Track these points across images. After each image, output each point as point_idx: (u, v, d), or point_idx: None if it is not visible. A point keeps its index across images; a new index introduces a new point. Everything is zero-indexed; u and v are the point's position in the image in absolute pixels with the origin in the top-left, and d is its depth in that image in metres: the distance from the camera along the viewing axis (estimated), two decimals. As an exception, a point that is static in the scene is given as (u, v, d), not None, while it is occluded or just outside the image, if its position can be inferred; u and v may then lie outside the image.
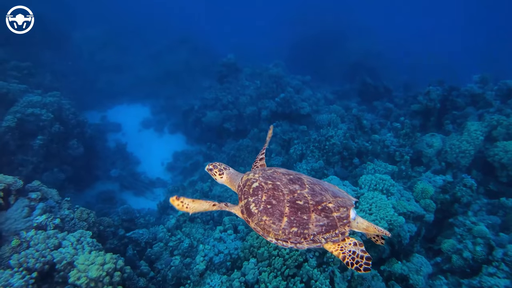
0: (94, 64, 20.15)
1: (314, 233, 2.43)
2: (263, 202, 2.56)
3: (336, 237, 2.45)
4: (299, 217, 2.45)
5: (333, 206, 2.51)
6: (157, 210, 10.84)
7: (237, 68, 15.95)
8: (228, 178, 3.11)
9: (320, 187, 2.67)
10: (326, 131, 11.17)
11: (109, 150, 15.47)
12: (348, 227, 2.51)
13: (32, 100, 11.27)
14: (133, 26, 24.81)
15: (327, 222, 2.45)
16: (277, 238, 2.48)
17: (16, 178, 5.70)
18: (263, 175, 2.77)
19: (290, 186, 2.61)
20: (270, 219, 2.49)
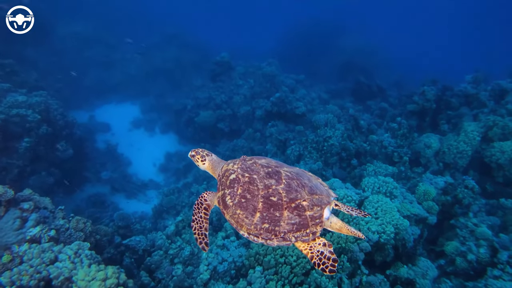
0: (80, 61, 19.36)
1: (285, 231, 2.40)
2: (238, 196, 2.56)
3: (306, 237, 2.41)
4: (271, 214, 2.42)
5: (307, 205, 2.46)
6: (152, 215, 10.52)
7: (231, 66, 15.63)
8: (210, 165, 3.12)
9: (298, 183, 2.58)
10: (324, 131, 11.05)
11: (98, 151, 14.95)
12: (320, 227, 2.47)
13: (17, 100, 10.71)
14: (120, 22, 24.03)
15: (299, 220, 2.41)
16: (249, 233, 2.48)
17: (6, 187, 5.31)
18: (241, 166, 2.74)
19: (266, 180, 2.56)
20: (244, 213, 2.49)
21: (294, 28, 26.83)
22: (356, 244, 6.12)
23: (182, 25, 25.75)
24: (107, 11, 24.73)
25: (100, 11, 24.03)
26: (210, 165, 3.13)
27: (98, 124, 16.84)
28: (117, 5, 26.05)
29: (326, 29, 25.26)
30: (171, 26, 24.57)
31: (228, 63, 15.52)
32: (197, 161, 3.14)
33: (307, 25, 26.33)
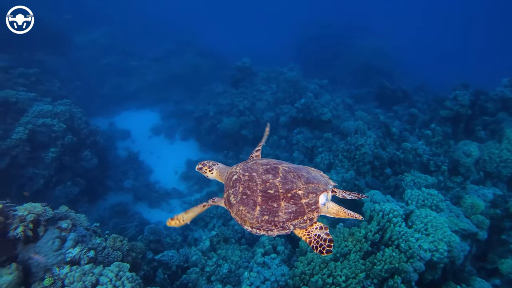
0: (98, 68, 19.40)
1: (283, 220, 2.50)
2: (240, 193, 2.69)
3: (304, 223, 2.51)
4: (270, 206, 2.54)
5: (302, 193, 2.56)
6: (180, 226, 10.21)
7: (252, 72, 15.33)
8: (218, 173, 3.23)
9: (294, 175, 2.70)
10: (355, 139, 10.65)
11: (120, 159, 14.79)
12: (317, 212, 2.56)
13: (42, 109, 10.61)
14: (135, 29, 24.06)
15: (296, 209, 2.51)
16: (252, 226, 2.59)
17: (45, 206, 5.07)
18: (243, 167, 2.88)
19: (264, 176, 2.70)
20: (246, 208, 2.61)
21: (309, 31, 26.39)
22: (410, 264, 5.72)
23: (196, 31, 25.64)
24: (122, 18, 24.81)
25: (115, 19, 24.13)
26: (218, 174, 3.24)
27: (118, 131, 16.72)
28: (131, 13, 26.16)
29: (342, 31, 24.84)
30: (185, 32, 24.47)
31: (250, 68, 15.23)
32: (205, 173, 3.26)
33: (322, 28, 25.86)
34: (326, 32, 24.55)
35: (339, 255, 6.15)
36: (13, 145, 9.69)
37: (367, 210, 6.88)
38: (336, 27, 25.35)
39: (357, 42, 23.53)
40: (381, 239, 6.27)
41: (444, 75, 21.32)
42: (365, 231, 6.28)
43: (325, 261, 6.01)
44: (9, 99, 10.24)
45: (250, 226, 2.61)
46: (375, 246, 6.27)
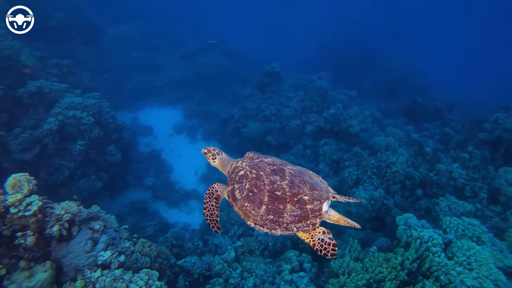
0: (127, 62, 19.50)
1: (288, 222, 2.63)
2: (246, 190, 2.79)
3: (307, 227, 2.64)
4: (276, 206, 2.66)
5: (308, 199, 2.68)
6: (200, 230, 10.07)
7: (281, 77, 15.11)
8: (220, 163, 3.36)
9: (300, 179, 2.80)
10: (386, 156, 10.28)
11: (141, 155, 14.78)
12: (320, 219, 2.68)
13: (73, 101, 10.64)
14: (165, 25, 24.16)
15: (301, 213, 2.63)
16: (255, 223, 2.71)
17: (80, 207, 4.96)
18: (249, 164, 2.96)
19: (272, 177, 2.79)
20: (251, 205, 2.73)
21: (339, 40, 26.03)
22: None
23: (226, 31, 25.58)
24: (154, 13, 24.95)
25: (147, 13, 24.28)
26: (220, 163, 3.36)
27: (141, 127, 16.76)
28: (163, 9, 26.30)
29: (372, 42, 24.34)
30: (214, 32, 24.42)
31: (279, 74, 15.00)
32: (208, 158, 3.39)
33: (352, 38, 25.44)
34: (356, 43, 24.13)
35: (372, 281, 5.83)
36: (44, 135, 9.74)
37: (402, 235, 6.53)
38: (366, 38, 24.88)
39: (387, 54, 23.01)
40: (419, 269, 5.92)
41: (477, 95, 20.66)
42: (402, 259, 5.94)
43: (358, 286, 5.71)
44: (43, 89, 10.31)
45: (254, 222, 2.73)
46: (411, 275, 5.93)
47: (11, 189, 4.37)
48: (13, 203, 4.24)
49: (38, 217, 4.40)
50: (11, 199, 4.23)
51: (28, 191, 4.42)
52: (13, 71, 10.68)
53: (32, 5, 13.81)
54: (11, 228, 4.34)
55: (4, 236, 4.33)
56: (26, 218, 4.32)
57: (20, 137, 9.84)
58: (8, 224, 4.34)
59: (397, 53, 23.50)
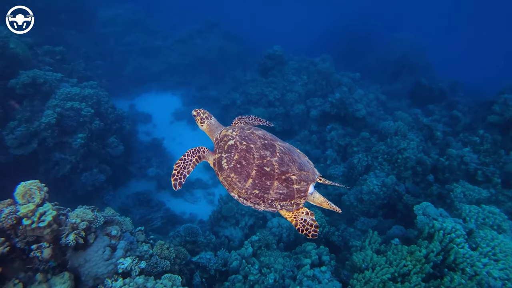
0: (121, 47, 18.68)
1: (272, 199, 2.63)
2: (234, 161, 2.73)
3: (290, 206, 2.65)
4: (262, 182, 2.63)
5: (296, 179, 2.67)
6: (209, 221, 9.88)
7: (283, 61, 14.58)
8: (208, 128, 3.27)
9: (289, 158, 2.77)
10: (397, 142, 10.07)
11: (142, 144, 14.38)
12: (304, 199, 2.69)
13: (70, 92, 10.12)
14: (159, 7, 23.11)
15: (286, 191, 2.64)
16: (239, 196, 2.70)
17: (95, 212, 4.65)
18: (240, 135, 2.86)
19: (262, 151, 2.72)
20: (237, 177, 2.69)
21: (340, 21, 25.31)
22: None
23: (223, 12, 24.60)
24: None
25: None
26: (208, 128, 3.26)
27: (139, 114, 16.26)
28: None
29: (374, 23, 23.71)
30: (211, 13, 23.46)
31: (281, 57, 14.47)
32: (197, 121, 3.29)
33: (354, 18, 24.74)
34: (357, 23, 23.51)
35: (397, 275, 5.72)
36: (42, 128, 9.27)
37: (424, 226, 6.39)
38: (367, 19, 24.22)
39: (389, 35, 22.45)
40: (443, 261, 5.81)
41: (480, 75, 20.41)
42: (427, 251, 5.81)
43: (384, 281, 5.59)
44: (37, 79, 9.72)
45: (238, 194, 2.70)
46: (436, 268, 5.83)
47: (21, 198, 4.03)
48: (25, 214, 3.92)
49: (53, 227, 4.10)
50: (23, 209, 3.91)
51: (40, 200, 4.09)
52: (1, 59, 10.03)
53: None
54: (25, 240, 4.04)
55: (17, 248, 4.04)
56: (40, 229, 4.01)
57: (16, 131, 9.35)
58: (21, 236, 4.03)
59: (398, 33, 22.91)
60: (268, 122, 3.76)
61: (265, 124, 3.70)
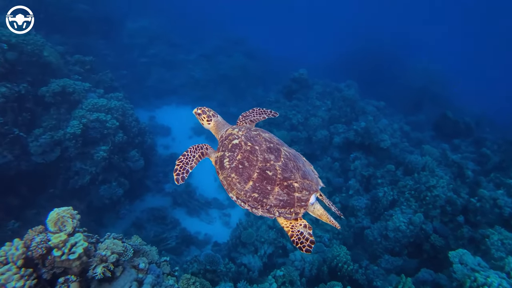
0: (145, 58, 18.86)
1: (271, 205, 2.53)
2: (236, 161, 2.65)
3: (289, 215, 2.55)
4: (263, 186, 2.54)
5: (298, 187, 2.58)
6: (226, 247, 9.57)
7: (308, 84, 14.45)
8: (215, 126, 3.19)
9: (294, 164, 2.67)
10: (426, 178, 9.70)
11: (159, 157, 14.23)
12: (304, 209, 2.59)
13: (97, 103, 10.10)
14: (184, 21, 23.43)
15: (287, 199, 2.54)
16: (238, 197, 2.61)
17: (125, 244, 4.41)
18: (246, 135, 2.79)
19: (266, 154, 2.64)
20: (238, 178, 2.60)
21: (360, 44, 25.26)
22: None
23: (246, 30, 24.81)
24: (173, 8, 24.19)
25: (165, 8, 23.53)
26: (215, 126, 3.19)
27: (158, 126, 16.20)
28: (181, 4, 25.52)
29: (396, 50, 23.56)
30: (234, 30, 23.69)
31: (306, 80, 14.35)
32: (202, 120, 3.19)
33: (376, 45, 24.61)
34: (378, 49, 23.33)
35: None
36: (66, 138, 9.20)
37: (465, 279, 5.98)
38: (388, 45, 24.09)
39: (411, 63, 22.23)
40: (486, 321, 5.38)
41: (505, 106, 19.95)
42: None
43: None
44: (67, 89, 9.76)
45: (236, 196, 2.61)
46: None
47: (53, 226, 3.83)
48: (56, 245, 3.70)
49: (82, 259, 3.86)
50: (55, 240, 3.69)
51: (72, 229, 3.87)
52: (35, 67, 10.11)
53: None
54: (52, 271, 3.81)
55: (43, 279, 3.80)
56: (69, 262, 3.78)
57: (41, 139, 9.33)
58: (48, 266, 3.80)
59: (421, 61, 22.70)
60: (274, 112, 3.60)
61: (271, 116, 3.56)
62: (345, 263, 7.83)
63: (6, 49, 8.81)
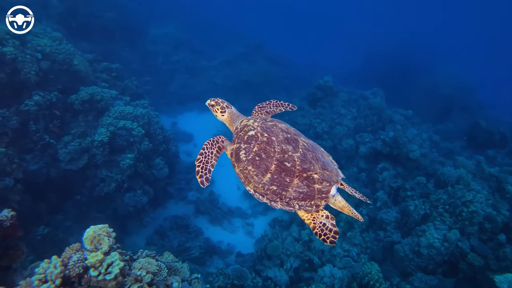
0: (168, 64, 19.03)
1: (291, 197, 2.47)
2: (253, 152, 2.58)
3: (310, 207, 2.48)
4: (282, 178, 2.47)
5: (318, 178, 2.49)
6: (251, 259, 9.37)
7: (333, 92, 14.16)
8: (229, 118, 3.12)
9: (313, 155, 2.59)
10: (462, 193, 9.23)
11: (182, 164, 14.20)
12: (325, 201, 2.52)
13: (124, 110, 10.16)
14: (206, 28, 23.60)
15: (307, 191, 2.46)
16: (255, 190, 2.55)
17: (159, 263, 4.28)
18: (262, 126, 2.72)
19: (284, 145, 2.57)
20: (255, 170, 2.53)
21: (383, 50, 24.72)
22: None
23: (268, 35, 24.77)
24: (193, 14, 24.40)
25: (189, 14, 23.75)
26: (229, 118, 3.12)
27: (181, 133, 16.22)
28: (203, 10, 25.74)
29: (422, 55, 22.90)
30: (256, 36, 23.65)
31: (331, 88, 14.06)
32: (215, 111, 3.14)
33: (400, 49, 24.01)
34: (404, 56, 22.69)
35: None
36: (94, 146, 9.28)
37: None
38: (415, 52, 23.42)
39: (438, 69, 21.50)
40: None
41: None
42: None
43: None
44: (95, 96, 9.86)
45: (254, 189, 2.55)
46: None
47: (90, 244, 3.73)
48: (93, 264, 3.59)
49: (118, 279, 3.74)
50: (91, 259, 3.58)
51: (108, 248, 3.76)
52: (65, 75, 10.28)
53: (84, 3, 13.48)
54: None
55: (78, 299, 3.71)
56: (105, 282, 3.67)
57: (70, 146, 9.45)
58: (84, 285, 3.71)
59: (447, 68, 21.93)
60: (292, 105, 3.48)
61: (288, 109, 3.45)
62: (377, 281, 7.50)
63: (40, 58, 8.98)
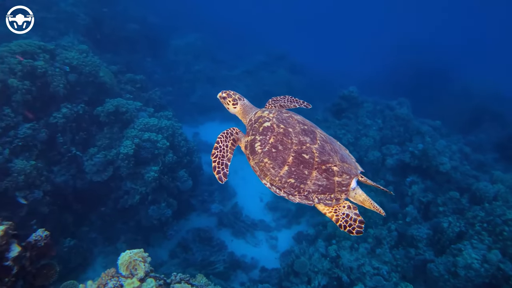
0: (190, 74, 19.14)
1: (309, 190, 2.40)
2: (269, 144, 2.51)
3: (329, 201, 2.41)
4: (300, 170, 2.40)
5: (337, 170, 2.42)
6: (278, 275, 9.10)
7: (358, 103, 13.83)
8: (242, 110, 3.06)
9: (331, 147, 2.53)
10: (501, 210, 8.71)
11: (204, 175, 14.11)
12: (346, 195, 2.45)
13: (148, 122, 10.16)
14: (227, 37, 23.74)
15: (326, 184, 2.39)
16: (272, 184, 2.48)
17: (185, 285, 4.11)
18: (277, 117, 2.65)
19: (301, 137, 2.49)
20: (271, 163, 2.46)
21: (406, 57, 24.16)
22: None
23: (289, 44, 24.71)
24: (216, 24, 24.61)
25: (210, 24, 23.97)
26: (242, 110, 3.05)
27: (202, 143, 16.14)
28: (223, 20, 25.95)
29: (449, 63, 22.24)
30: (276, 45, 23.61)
31: (356, 98, 13.74)
32: (227, 104, 3.06)
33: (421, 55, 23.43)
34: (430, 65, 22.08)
35: None
36: (119, 158, 9.29)
37: None
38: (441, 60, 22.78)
39: (465, 77, 20.81)
40: None
41: None
42: None
43: None
44: (120, 108, 9.92)
45: (270, 182, 2.48)
46: None
47: (125, 269, 3.61)
48: (129, 292, 3.46)
49: (154, 307, 3.60)
50: (128, 286, 3.46)
51: (143, 274, 3.64)
52: (91, 87, 10.42)
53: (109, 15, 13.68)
54: (122, 318, 3.57)
55: (114, 326, 3.57)
56: (141, 310, 3.53)
57: (95, 158, 9.51)
58: (120, 313, 3.58)
59: (476, 75, 21.21)
60: (306, 103, 3.40)
61: (303, 106, 3.36)
62: (412, 304, 7.08)
63: (68, 71, 9.12)
